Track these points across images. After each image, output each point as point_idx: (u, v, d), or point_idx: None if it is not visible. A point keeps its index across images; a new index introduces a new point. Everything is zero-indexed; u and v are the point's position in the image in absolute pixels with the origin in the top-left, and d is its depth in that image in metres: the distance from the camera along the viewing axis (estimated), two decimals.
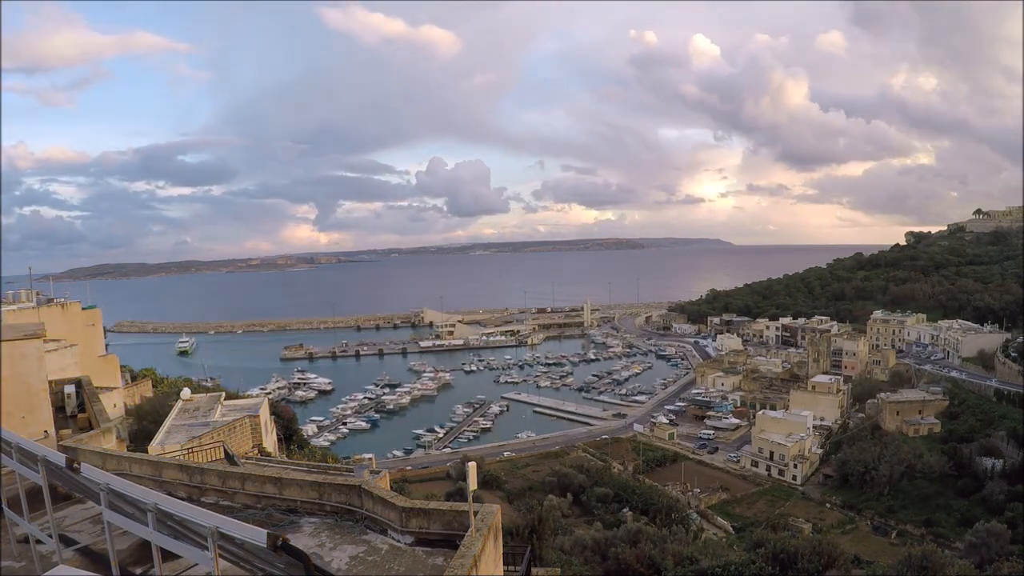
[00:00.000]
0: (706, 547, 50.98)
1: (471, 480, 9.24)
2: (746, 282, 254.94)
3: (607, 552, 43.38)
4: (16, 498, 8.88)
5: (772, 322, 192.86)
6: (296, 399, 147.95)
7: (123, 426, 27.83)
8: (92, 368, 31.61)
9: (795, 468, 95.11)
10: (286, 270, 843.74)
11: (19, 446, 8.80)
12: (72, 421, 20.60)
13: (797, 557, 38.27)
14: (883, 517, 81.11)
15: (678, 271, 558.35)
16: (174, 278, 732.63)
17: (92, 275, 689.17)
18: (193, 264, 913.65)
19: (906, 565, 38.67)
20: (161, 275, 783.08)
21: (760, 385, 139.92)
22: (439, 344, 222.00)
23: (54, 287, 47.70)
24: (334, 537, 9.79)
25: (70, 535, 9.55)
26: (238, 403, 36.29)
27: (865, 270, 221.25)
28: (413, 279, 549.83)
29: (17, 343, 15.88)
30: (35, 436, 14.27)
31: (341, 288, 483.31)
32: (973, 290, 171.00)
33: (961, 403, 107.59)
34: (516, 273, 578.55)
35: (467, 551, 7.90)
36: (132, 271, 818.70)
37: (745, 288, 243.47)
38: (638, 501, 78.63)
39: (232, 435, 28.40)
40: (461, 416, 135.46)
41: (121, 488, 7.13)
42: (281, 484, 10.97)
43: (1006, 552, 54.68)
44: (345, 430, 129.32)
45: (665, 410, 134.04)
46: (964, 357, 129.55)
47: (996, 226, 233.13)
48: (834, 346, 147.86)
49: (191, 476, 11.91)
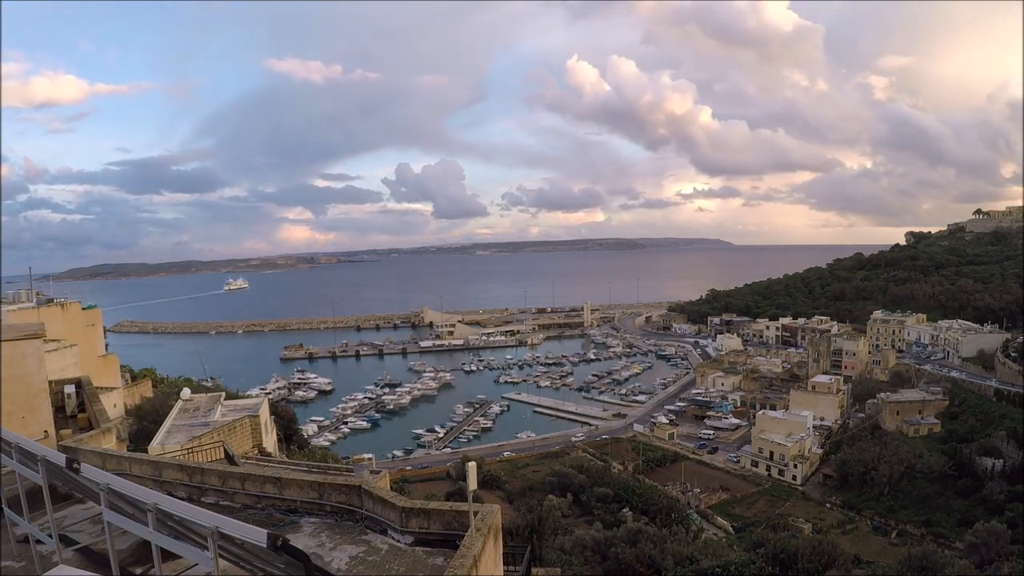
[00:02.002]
0: (706, 547, 50.99)
1: (471, 480, 9.25)
2: (745, 282, 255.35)
3: (607, 552, 43.34)
4: (16, 498, 8.87)
5: (772, 322, 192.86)
6: (296, 399, 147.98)
7: (123, 426, 27.85)
8: (92, 368, 31.62)
9: (795, 468, 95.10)
10: (286, 270, 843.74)
11: (19, 446, 8.79)
12: (72, 421, 20.58)
13: (797, 557, 38.29)
14: (883, 517, 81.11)
15: (663, 271, 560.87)
16: (175, 278, 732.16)
17: (92, 275, 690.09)
18: (193, 264, 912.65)
19: (906, 565, 38.71)
20: (161, 275, 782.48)
21: (760, 385, 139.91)
22: (439, 344, 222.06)
23: (54, 287, 47.75)
24: (334, 537, 9.79)
25: (70, 535, 9.54)
26: (238, 403, 36.29)
27: (865, 270, 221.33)
28: (415, 279, 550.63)
29: (17, 343, 15.87)
30: (35, 436, 14.26)
31: (354, 286, 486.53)
32: (973, 290, 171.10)
33: (961, 403, 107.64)
34: (516, 273, 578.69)
35: (467, 551, 7.89)
36: (132, 271, 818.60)
37: (745, 288, 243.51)
38: (638, 501, 78.60)
39: (232, 435, 28.39)
40: (461, 416, 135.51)
41: (121, 488, 7.13)
42: (281, 484, 10.97)
43: (1006, 552, 54.76)
44: (345, 430, 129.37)
45: (665, 410, 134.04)
46: (964, 357, 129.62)
47: (996, 226, 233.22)
48: (834, 346, 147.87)
49: (191, 476, 11.90)
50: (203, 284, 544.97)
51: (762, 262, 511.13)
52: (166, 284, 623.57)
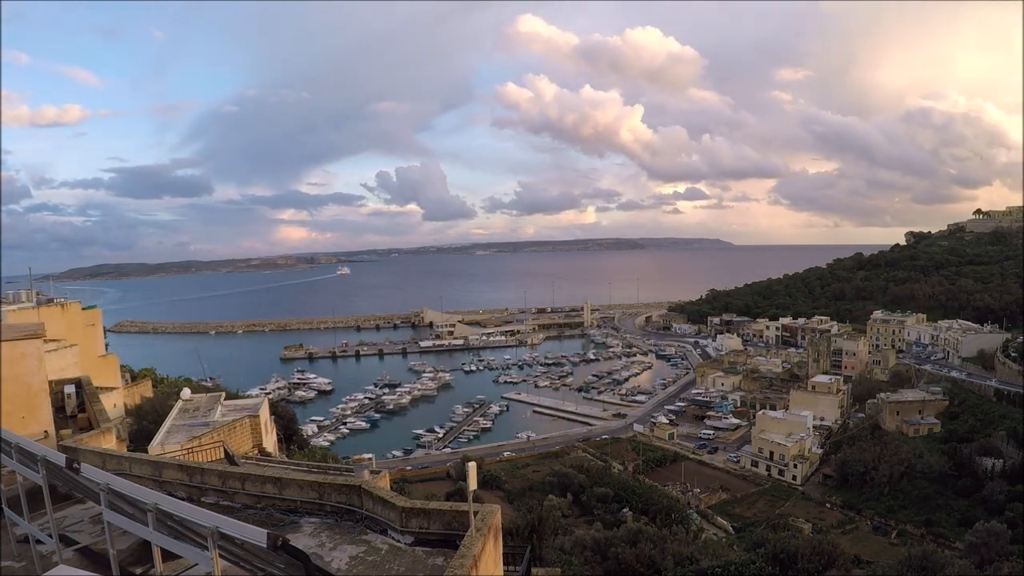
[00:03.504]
0: (706, 547, 50.95)
1: (471, 480, 9.23)
2: (746, 282, 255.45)
3: (607, 552, 43.29)
4: (16, 498, 8.87)
5: (772, 322, 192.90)
6: (296, 399, 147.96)
7: (123, 426, 27.84)
8: (92, 368, 31.59)
9: (795, 468, 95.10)
10: (287, 269, 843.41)
11: (19, 446, 8.80)
12: (72, 421, 20.56)
13: (797, 557, 38.24)
14: (883, 517, 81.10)
15: (643, 270, 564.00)
16: (175, 278, 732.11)
17: (92, 275, 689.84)
18: (193, 264, 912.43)
19: (906, 565, 38.68)
20: (161, 275, 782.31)
21: (760, 385, 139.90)
22: (439, 344, 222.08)
23: (54, 287, 47.73)
24: (334, 537, 9.79)
25: (70, 535, 9.54)
26: (238, 403, 36.22)
27: (865, 270, 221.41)
28: (434, 277, 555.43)
29: (17, 343, 15.87)
30: (35, 436, 14.25)
31: (362, 287, 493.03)
32: (973, 290, 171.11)
33: (961, 403, 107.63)
34: (518, 273, 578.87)
35: (467, 551, 7.89)
36: (132, 271, 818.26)
37: (745, 288, 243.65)
38: (638, 501, 78.57)
39: (232, 435, 28.35)
40: (461, 416, 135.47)
41: (121, 488, 7.13)
42: (281, 484, 10.96)
43: (1006, 552, 54.73)
44: (345, 430, 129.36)
45: (665, 410, 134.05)
46: (964, 357, 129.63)
47: (996, 226, 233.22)
48: (834, 346, 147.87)
49: (191, 476, 11.90)
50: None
51: (749, 263, 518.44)
52: (167, 284, 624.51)
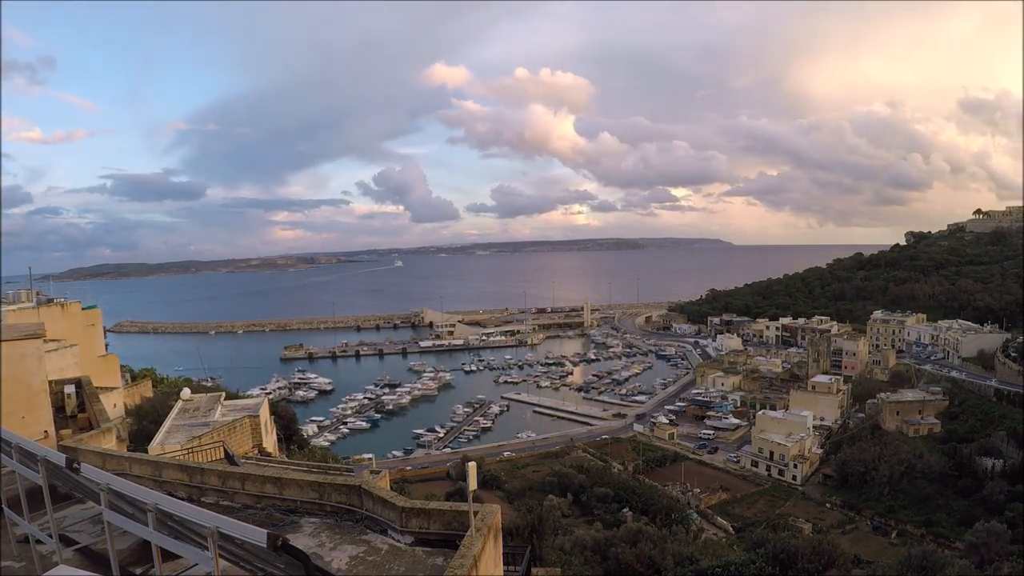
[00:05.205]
0: (706, 547, 51.01)
1: (471, 480, 9.24)
2: (746, 282, 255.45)
3: (607, 552, 43.34)
4: (16, 498, 8.87)
5: (772, 322, 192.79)
6: (296, 399, 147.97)
7: (123, 426, 27.81)
8: (92, 368, 31.58)
9: (795, 468, 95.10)
10: (287, 269, 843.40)
11: (19, 446, 8.80)
12: (72, 421, 20.56)
13: (797, 557, 38.28)
14: (883, 517, 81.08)
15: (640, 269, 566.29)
16: (175, 278, 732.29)
17: (92, 275, 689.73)
18: (193, 264, 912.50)
19: (906, 565, 38.71)
20: (161, 275, 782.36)
21: (760, 385, 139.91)
22: (439, 344, 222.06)
23: (54, 287, 47.72)
24: (334, 537, 9.79)
25: (70, 535, 9.53)
26: (238, 403, 36.25)
27: (865, 270, 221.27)
28: (444, 277, 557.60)
29: (17, 343, 15.87)
30: (35, 436, 14.26)
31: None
32: (973, 290, 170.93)
33: (961, 403, 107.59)
34: (516, 272, 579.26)
35: (467, 551, 7.89)
36: (132, 271, 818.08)
37: (745, 288, 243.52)
38: (638, 501, 78.61)
39: (232, 435, 28.37)
40: (461, 416, 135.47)
41: (121, 488, 7.13)
42: (281, 484, 10.96)
43: (1006, 552, 54.72)
44: (345, 430, 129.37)
45: (665, 410, 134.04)
46: (964, 357, 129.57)
47: (996, 226, 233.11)
48: (834, 346, 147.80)
49: (191, 476, 11.90)
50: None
51: (739, 262, 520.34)
52: (167, 284, 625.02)
